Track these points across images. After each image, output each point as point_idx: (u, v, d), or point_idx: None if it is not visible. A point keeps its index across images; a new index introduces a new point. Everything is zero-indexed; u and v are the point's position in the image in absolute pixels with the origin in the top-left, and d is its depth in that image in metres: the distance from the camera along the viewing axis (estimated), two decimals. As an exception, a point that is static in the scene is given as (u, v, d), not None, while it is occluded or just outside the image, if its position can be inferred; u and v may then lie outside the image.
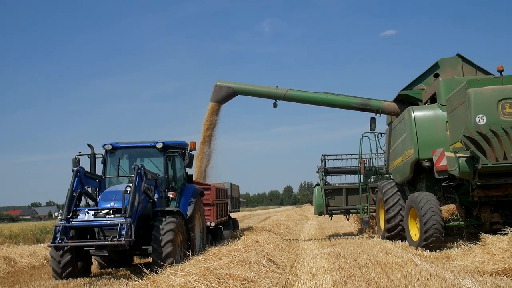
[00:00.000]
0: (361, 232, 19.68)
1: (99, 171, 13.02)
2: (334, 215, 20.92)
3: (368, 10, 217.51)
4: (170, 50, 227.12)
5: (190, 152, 13.74)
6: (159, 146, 13.00)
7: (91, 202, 12.15)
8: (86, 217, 11.10)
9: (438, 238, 11.99)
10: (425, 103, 15.13)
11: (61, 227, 10.68)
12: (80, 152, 12.65)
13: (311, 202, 27.33)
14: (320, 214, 20.22)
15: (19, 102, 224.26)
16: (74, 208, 11.14)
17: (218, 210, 18.59)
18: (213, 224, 17.51)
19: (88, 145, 13.00)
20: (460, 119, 11.95)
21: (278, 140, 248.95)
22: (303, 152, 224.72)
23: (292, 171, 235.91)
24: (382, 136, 18.03)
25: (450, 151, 12.18)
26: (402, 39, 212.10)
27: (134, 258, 13.83)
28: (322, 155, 21.22)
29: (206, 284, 7.88)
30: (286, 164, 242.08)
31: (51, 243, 10.69)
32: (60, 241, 10.61)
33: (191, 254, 11.80)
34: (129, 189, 11.04)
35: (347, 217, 21.02)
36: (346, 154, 21.49)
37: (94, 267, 12.83)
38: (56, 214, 11.65)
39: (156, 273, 9.17)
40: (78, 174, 11.37)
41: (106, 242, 10.62)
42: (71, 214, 10.99)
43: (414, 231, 13.11)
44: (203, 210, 15.01)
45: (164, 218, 11.47)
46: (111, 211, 11.08)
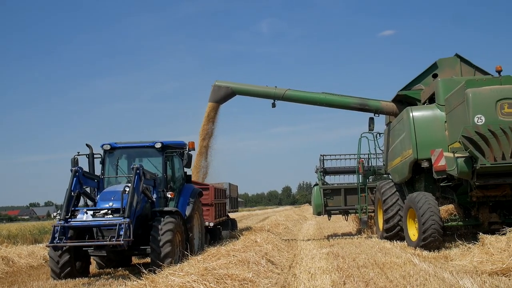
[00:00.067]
0: (359, 232, 19.68)
1: (98, 171, 13.02)
2: (332, 215, 20.93)
3: (367, 10, 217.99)
4: (170, 50, 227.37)
5: (189, 152, 13.76)
6: (158, 146, 12.99)
7: (90, 202, 12.16)
8: (84, 217, 11.10)
9: (437, 238, 12.00)
10: (423, 103, 15.13)
11: (59, 227, 10.67)
12: (78, 152, 12.66)
13: (310, 202, 27.35)
14: (318, 214, 20.21)
15: (19, 102, 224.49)
16: (73, 208, 11.13)
17: (217, 210, 18.58)
18: (211, 224, 17.50)
19: (86, 145, 13.00)
20: (458, 119, 11.96)
21: (276, 140, 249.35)
22: (302, 152, 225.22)
23: (290, 171, 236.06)
24: (380, 136, 18.04)
25: (448, 151, 12.19)
26: (401, 39, 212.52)
27: (133, 258, 13.81)
28: (321, 155, 21.26)
29: (205, 284, 7.88)
30: (284, 164, 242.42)
31: (50, 243, 10.68)
32: (58, 241, 10.59)
33: (190, 254, 11.78)
34: (127, 189, 11.03)
35: (346, 217, 21.03)
36: (345, 154, 21.56)
37: (93, 267, 12.82)
38: (54, 214, 11.65)
39: (154, 273, 9.16)
40: (77, 174, 11.37)
41: (105, 242, 10.61)
42: (70, 214, 10.98)
43: (413, 231, 13.11)
44: (202, 210, 15.01)
45: (162, 218, 11.46)
46: (110, 211, 11.07)
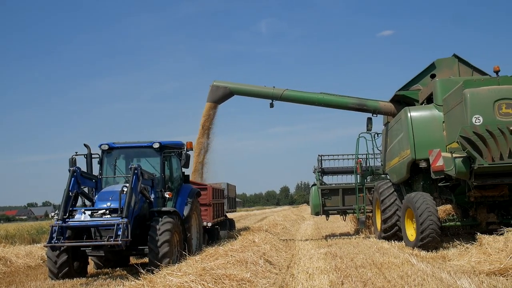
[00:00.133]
0: (357, 232, 19.70)
1: (96, 171, 13.01)
2: (330, 215, 20.93)
3: (366, 10, 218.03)
4: (170, 50, 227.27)
5: (187, 152, 13.76)
6: (156, 146, 12.98)
7: (88, 202, 12.13)
8: (82, 217, 11.08)
9: (435, 238, 12.01)
10: (421, 104, 15.14)
11: (57, 227, 10.65)
12: (76, 152, 12.63)
13: (308, 202, 27.37)
14: (316, 214, 20.23)
15: (19, 102, 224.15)
16: (71, 208, 11.12)
17: (215, 210, 18.58)
18: (209, 224, 17.49)
19: (84, 145, 12.99)
20: (456, 120, 11.97)
21: (274, 140, 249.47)
22: (299, 152, 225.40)
23: (288, 171, 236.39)
24: (378, 136, 18.05)
25: (446, 151, 12.21)
26: (400, 39, 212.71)
27: (131, 258, 13.80)
28: (319, 155, 21.28)
29: (203, 284, 7.88)
30: (282, 164, 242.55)
31: (48, 243, 10.66)
32: (56, 241, 10.58)
33: (188, 254, 11.77)
34: (125, 189, 11.02)
35: (344, 217, 21.03)
36: (343, 154, 21.56)
37: (91, 267, 12.82)
38: (52, 214, 11.64)
39: (152, 273, 9.17)
40: (75, 174, 11.36)
41: (103, 242, 10.59)
42: (68, 214, 10.96)
43: (411, 231, 13.12)
44: (200, 210, 15.02)
45: (160, 218, 11.45)
46: (108, 211, 11.06)
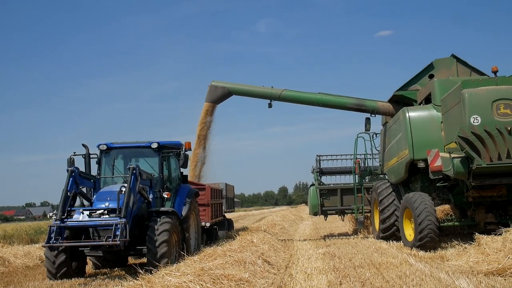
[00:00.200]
0: (356, 232, 19.69)
1: (94, 171, 13.00)
2: (329, 216, 20.95)
3: (365, 10, 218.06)
4: (170, 50, 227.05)
5: (185, 152, 13.75)
6: (154, 146, 12.96)
7: (86, 202, 12.10)
8: (80, 217, 11.07)
9: (433, 239, 12.02)
10: (420, 104, 15.16)
11: (55, 227, 10.64)
12: (74, 152, 12.62)
13: (306, 203, 27.35)
14: (315, 214, 20.23)
15: (19, 102, 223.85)
16: (69, 208, 11.10)
17: (213, 210, 18.58)
18: (208, 224, 17.48)
19: (83, 145, 12.97)
20: (454, 120, 11.98)
21: (273, 140, 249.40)
22: (298, 152, 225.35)
23: (287, 172, 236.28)
24: (377, 136, 18.06)
25: (444, 152, 12.22)
26: (398, 39, 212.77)
27: (129, 258, 13.79)
28: (317, 156, 21.27)
29: (201, 284, 7.88)
30: (281, 164, 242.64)
31: (46, 244, 10.65)
32: (54, 241, 10.57)
33: (186, 254, 11.77)
34: (124, 189, 11.00)
35: (342, 217, 21.02)
36: (341, 155, 21.57)
37: (89, 268, 12.80)
38: (50, 214, 11.63)
39: (151, 273, 9.15)
40: (73, 174, 11.34)
41: (101, 243, 10.59)
42: (66, 214, 10.95)
43: (409, 232, 13.13)
44: (198, 210, 15.00)
45: (159, 219, 11.44)
46: (106, 211, 11.05)
